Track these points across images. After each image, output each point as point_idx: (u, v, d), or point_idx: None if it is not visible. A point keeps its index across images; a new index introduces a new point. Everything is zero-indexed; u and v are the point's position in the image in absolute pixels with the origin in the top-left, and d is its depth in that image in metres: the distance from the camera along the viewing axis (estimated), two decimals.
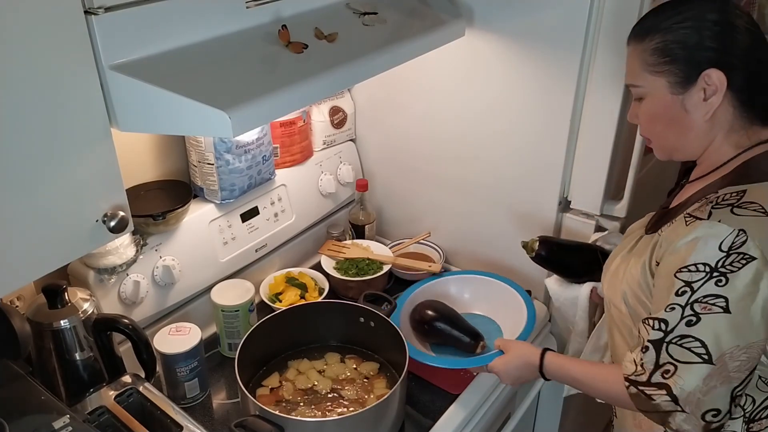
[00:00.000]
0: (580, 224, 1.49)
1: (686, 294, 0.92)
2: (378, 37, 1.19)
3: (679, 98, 0.99)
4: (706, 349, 0.90)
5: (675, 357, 0.92)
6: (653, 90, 1.01)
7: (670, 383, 0.92)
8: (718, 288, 0.90)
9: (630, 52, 1.04)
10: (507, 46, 1.40)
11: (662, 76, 0.99)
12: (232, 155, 1.41)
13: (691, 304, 0.91)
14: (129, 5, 0.86)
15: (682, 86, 0.98)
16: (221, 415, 1.31)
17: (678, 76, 0.98)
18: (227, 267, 1.50)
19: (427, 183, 1.70)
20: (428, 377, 1.39)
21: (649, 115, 1.04)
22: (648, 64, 1.00)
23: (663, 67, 0.99)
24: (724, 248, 0.90)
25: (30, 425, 0.94)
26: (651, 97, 1.02)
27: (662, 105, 1.01)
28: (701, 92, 0.97)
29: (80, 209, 0.88)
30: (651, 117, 1.04)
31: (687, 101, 0.99)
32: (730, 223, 0.91)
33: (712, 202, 0.95)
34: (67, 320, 1.13)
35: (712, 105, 0.97)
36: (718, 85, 0.96)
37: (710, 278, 0.90)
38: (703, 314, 0.90)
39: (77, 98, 0.84)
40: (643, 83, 1.02)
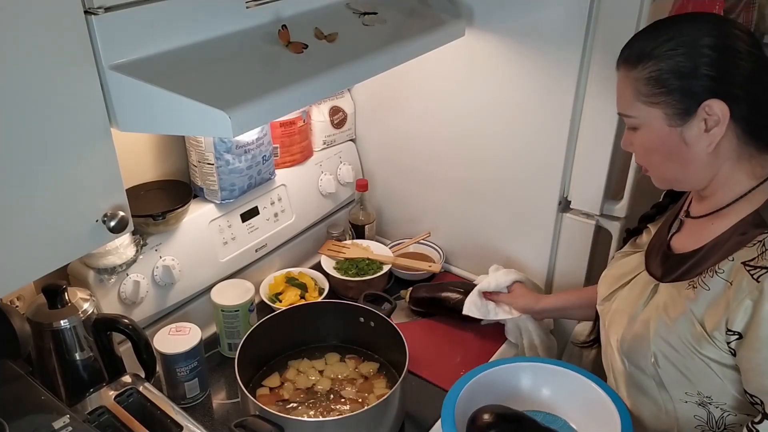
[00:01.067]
0: (580, 224, 1.49)
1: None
2: (378, 37, 1.19)
3: (677, 130, 0.92)
4: None
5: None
6: (648, 121, 0.94)
7: None
8: None
9: (621, 79, 0.97)
10: (507, 46, 1.40)
11: (658, 107, 0.92)
12: (232, 155, 1.41)
13: None
14: (129, 5, 0.86)
15: (680, 118, 0.91)
16: (221, 415, 1.31)
17: (675, 107, 0.91)
18: (227, 267, 1.50)
19: (427, 183, 1.70)
20: (428, 377, 1.39)
21: (645, 146, 0.97)
22: (642, 94, 0.93)
23: (658, 98, 0.92)
24: None
25: (30, 425, 0.94)
26: (646, 129, 0.95)
27: (659, 137, 0.94)
28: (702, 123, 0.90)
29: (80, 209, 0.88)
30: (647, 149, 0.97)
31: (686, 133, 0.92)
32: None
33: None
34: (67, 320, 1.13)
35: (714, 136, 0.90)
36: (720, 117, 0.89)
37: None
38: None
39: (77, 98, 0.84)
40: (636, 114, 0.95)
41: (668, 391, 1.01)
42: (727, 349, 0.92)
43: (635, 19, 1.23)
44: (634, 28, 1.24)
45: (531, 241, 1.57)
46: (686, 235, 1.03)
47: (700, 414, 1.00)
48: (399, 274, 1.70)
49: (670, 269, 1.01)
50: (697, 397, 0.98)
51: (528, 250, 1.58)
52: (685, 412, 1.01)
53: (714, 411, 0.98)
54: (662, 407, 1.03)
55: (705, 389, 0.97)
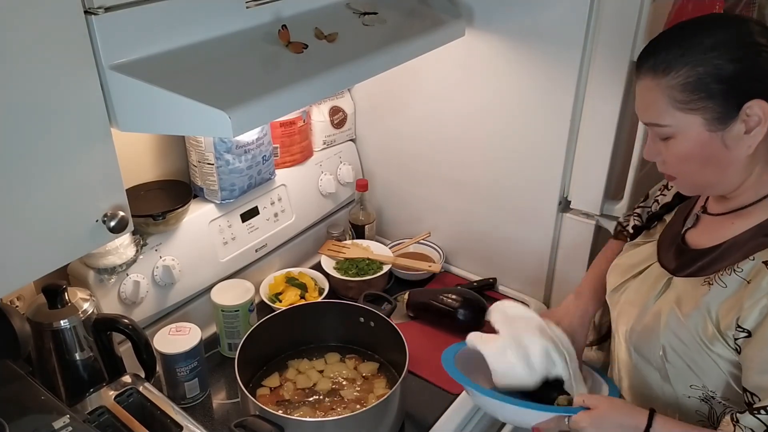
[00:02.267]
0: (580, 224, 1.49)
1: None
2: (378, 37, 1.19)
3: (718, 135, 0.90)
4: None
5: None
6: (686, 128, 0.91)
7: None
8: None
9: (648, 88, 0.93)
10: (507, 46, 1.40)
11: (697, 113, 0.89)
12: (232, 155, 1.41)
13: None
14: (129, 5, 0.86)
15: (721, 122, 0.89)
16: (221, 415, 1.31)
17: (716, 111, 0.88)
18: (227, 267, 1.50)
19: (427, 183, 1.70)
20: (428, 377, 1.39)
21: (681, 155, 0.93)
22: (678, 101, 0.90)
23: (698, 104, 0.88)
24: None
25: (30, 425, 0.94)
26: (683, 136, 0.92)
27: (698, 143, 0.91)
28: (742, 125, 0.88)
29: (80, 209, 0.88)
30: (683, 157, 0.94)
31: (727, 137, 0.89)
32: None
33: None
34: (67, 320, 1.13)
35: (756, 138, 0.89)
36: (762, 116, 0.87)
37: None
38: None
39: (77, 98, 0.84)
40: (671, 122, 0.91)
41: (673, 386, 1.02)
42: (734, 345, 0.92)
43: (635, 19, 1.23)
44: (634, 28, 1.24)
45: (531, 241, 1.57)
46: (702, 232, 1.03)
47: (702, 409, 1.00)
48: (399, 274, 1.70)
49: (685, 264, 1.01)
50: (702, 391, 0.99)
51: (528, 250, 1.58)
52: (687, 407, 1.02)
53: (717, 406, 0.99)
54: (665, 402, 1.04)
55: (711, 384, 0.98)
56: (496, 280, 1.67)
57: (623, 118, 1.34)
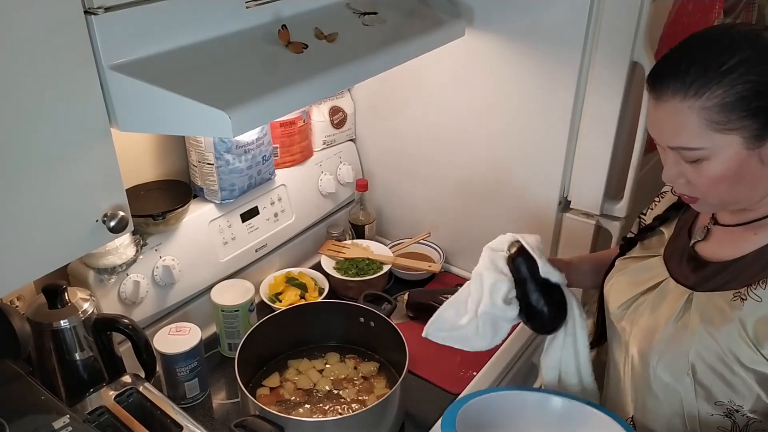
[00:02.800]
0: (580, 224, 1.49)
1: None
2: (378, 37, 1.19)
3: (755, 152, 0.86)
4: None
5: None
6: (722, 150, 0.86)
7: None
8: None
9: (674, 110, 0.87)
10: (507, 46, 1.40)
11: (736, 133, 0.85)
12: (232, 155, 1.41)
13: None
14: (129, 5, 0.86)
15: (759, 139, 0.85)
16: (221, 415, 1.31)
17: (755, 129, 0.84)
18: (227, 267, 1.50)
19: (427, 183, 1.70)
20: (428, 377, 1.39)
21: (716, 177, 0.89)
22: (715, 122, 0.85)
23: (737, 123, 0.84)
24: None
25: (30, 425, 0.94)
26: (718, 158, 0.87)
27: (735, 163, 0.87)
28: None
29: (80, 209, 0.88)
30: (718, 179, 0.89)
31: (764, 153, 0.86)
32: None
33: None
34: (67, 320, 1.13)
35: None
36: None
37: None
38: None
39: (77, 98, 0.84)
40: (707, 144, 0.86)
41: (697, 403, 0.98)
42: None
43: (635, 19, 1.24)
44: (634, 28, 1.24)
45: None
46: (717, 244, 1.00)
47: (724, 425, 0.97)
48: (399, 274, 1.70)
49: (707, 278, 0.98)
50: (728, 406, 0.96)
51: None
52: (709, 423, 0.99)
53: (740, 419, 0.96)
54: (683, 419, 1.01)
55: (739, 399, 0.94)
56: None
57: (623, 118, 1.35)
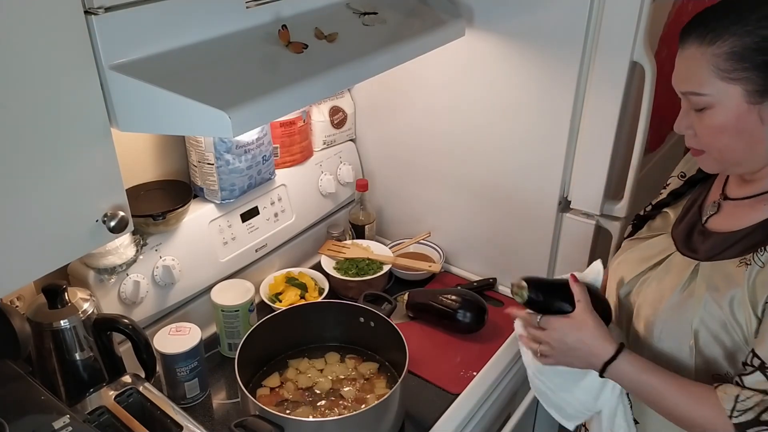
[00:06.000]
0: (580, 224, 1.49)
1: None
2: (378, 37, 1.19)
3: (755, 108, 0.89)
4: None
5: None
6: (725, 99, 0.90)
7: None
8: None
9: (691, 56, 0.92)
10: (507, 46, 1.40)
11: (738, 83, 0.88)
12: (232, 155, 1.41)
13: None
14: (129, 5, 0.86)
15: (760, 95, 0.88)
16: (221, 415, 1.31)
17: (758, 84, 0.88)
18: (227, 267, 1.50)
19: (427, 183, 1.70)
20: (428, 377, 1.39)
21: (716, 126, 0.93)
22: (721, 70, 0.89)
23: (741, 74, 0.88)
24: None
25: (30, 425, 0.94)
26: (721, 107, 0.91)
27: (735, 115, 0.90)
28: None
29: (80, 209, 0.88)
30: (718, 129, 0.93)
31: (764, 111, 0.89)
32: None
33: None
34: (67, 320, 1.13)
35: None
36: None
37: None
38: None
39: (77, 98, 0.84)
40: (711, 91, 0.91)
41: (695, 377, 0.99)
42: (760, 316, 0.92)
43: (635, 19, 1.24)
44: (634, 28, 1.24)
45: (531, 241, 1.57)
46: (726, 217, 1.02)
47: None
48: (399, 274, 1.70)
49: (714, 248, 1.00)
50: (725, 379, 0.97)
51: (528, 250, 1.58)
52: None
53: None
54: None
55: (735, 369, 0.96)
56: (496, 280, 1.67)
57: (623, 118, 1.35)
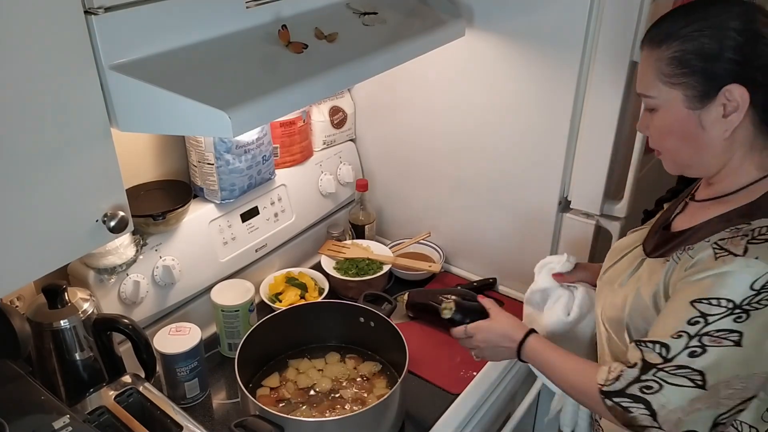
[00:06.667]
0: (580, 224, 1.49)
1: (698, 325, 0.87)
2: (378, 37, 1.19)
3: (695, 113, 0.91)
4: (703, 378, 0.86)
5: (663, 379, 0.88)
6: (667, 102, 0.93)
7: (650, 399, 0.88)
8: (735, 324, 0.85)
9: (644, 58, 0.96)
10: (507, 46, 1.40)
11: (678, 88, 0.91)
12: (232, 155, 1.41)
13: (700, 335, 0.86)
14: (129, 5, 0.86)
15: (699, 101, 0.90)
16: (221, 415, 1.31)
17: (696, 89, 0.90)
18: (227, 267, 1.50)
19: (427, 183, 1.70)
20: (428, 377, 1.39)
21: (662, 129, 0.96)
22: (663, 74, 0.92)
23: (680, 79, 0.91)
24: (756, 287, 0.84)
25: (30, 425, 0.94)
26: (664, 110, 0.94)
27: (677, 119, 0.93)
28: (720, 108, 0.90)
29: (80, 209, 0.88)
30: (663, 131, 0.96)
31: (704, 117, 0.91)
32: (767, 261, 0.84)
33: (747, 236, 0.87)
34: (67, 320, 1.13)
35: (732, 123, 0.90)
36: (740, 102, 0.88)
37: (730, 314, 0.85)
38: (711, 347, 0.86)
39: (77, 98, 0.84)
40: (656, 94, 0.94)
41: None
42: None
43: (635, 19, 1.24)
44: (634, 28, 1.24)
45: (531, 241, 1.57)
46: (686, 217, 1.04)
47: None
48: (399, 274, 1.70)
49: (659, 246, 1.03)
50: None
51: (528, 250, 1.58)
52: None
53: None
54: None
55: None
56: (496, 280, 1.67)
57: (623, 118, 1.35)
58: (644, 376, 0.89)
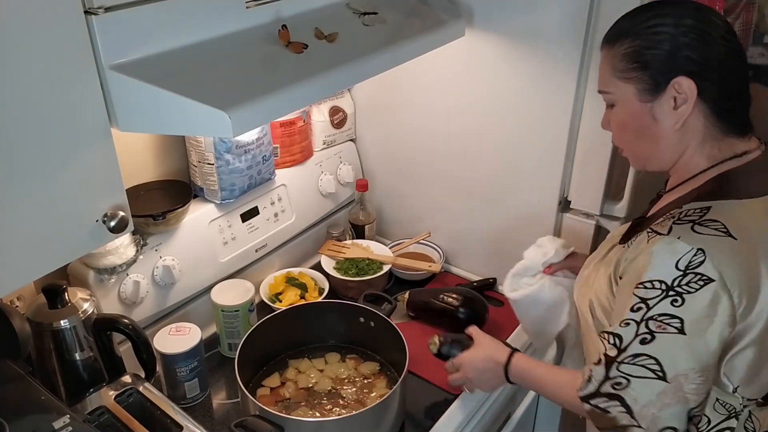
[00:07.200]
0: (580, 224, 1.49)
1: (641, 311, 0.89)
2: (378, 37, 1.19)
3: (647, 106, 0.96)
4: (660, 366, 0.88)
5: (627, 373, 0.90)
6: (622, 97, 0.98)
7: (623, 394, 0.90)
8: (673, 308, 0.87)
9: (602, 57, 1.01)
10: (507, 46, 1.40)
11: (631, 82, 0.96)
12: (232, 155, 1.41)
13: (645, 321, 0.89)
14: (129, 5, 0.86)
15: (650, 94, 0.95)
16: (221, 415, 1.31)
17: (647, 83, 0.95)
18: (227, 267, 1.50)
19: (427, 183, 1.70)
20: (428, 377, 1.39)
21: (619, 123, 1.01)
22: (617, 69, 0.97)
23: (632, 73, 0.95)
24: (681, 267, 0.87)
25: (30, 425, 0.94)
26: (620, 105, 0.99)
27: (631, 113, 0.98)
28: (671, 101, 0.94)
29: (80, 209, 0.88)
30: (620, 125, 1.01)
31: (656, 109, 0.96)
32: (689, 241, 0.88)
33: (674, 217, 0.92)
34: (67, 320, 1.13)
35: (681, 114, 0.94)
36: (688, 94, 0.92)
37: (666, 297, 0.88)
38: (658, 333, 0.88)
39: (77, 98, 0.84)
40: (612, 90, 0.99)
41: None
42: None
43: None
44: None
45: (531, 241, 1.56)
46: (654, 209, 1.08)
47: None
48: (399, 274, 1.70)
49: (627, 235, 1.06)
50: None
51: None
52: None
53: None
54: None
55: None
56: (496, 280, 1.67)
57: None
58: (611, 373, 0.92)
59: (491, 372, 1.16)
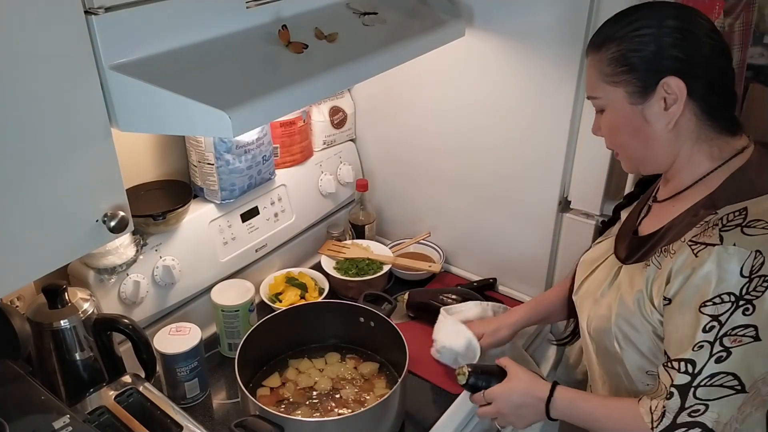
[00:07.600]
0: (580, 224, 1.49)
1: (714, 329, 0.87)
2: (378, 37, 1.19)
3: (638, 108, 0.96)
4: (739, 380, 0.87)
5: (704, 398, 0.88)
6: (612, 101, 0.98)
7: (702, 420, 0.88)
8: (745, 318, 0.86)
9: (588, 63, 1.01)
10: (507, 46, 1.40)
11: (620, 86, 0.96)
12: (232, 155, 1.41)
13: (720, 339, 0.87)
14: (129, 5, 0.86)
15: (640, 96, 0.95)
16: (221, 415, 1.31)
17: (636, 85, 0.94)
18: (227, 267, 1.50)
19: (427, 183, 1.70)
20: (428, 377, 1.39)
21: (611, 127, 1.01)
22: (605, 74, 0.97)
23: (620, 77, 0.95)
24: (746, 273, 0.86)
25: (30, 425, 0.94)
26: (610, 109, 0.99)
27: (622, 116, 0.98)
28: (661, 102, 0.94)
29: (80, 209, 0.88)
30: (612, 129, 1.01)
31: (647, 111, 0.95)
32: (745, 245, 0.86)
33: (718, 225, 0.90)
34: (67, 320, 1.13)
35: (673, 114, 0.94)
36: (678, 94, 0.92)
37: (737, 308, 0.86)
38: (734, 347, 0.86)
39: (77, 98, 0.84)
40: (601, 95, 0.99)
41: (631, 374, 1.04)
42: (661, 317, 0.96)
43: None
44: None
45: (531, 241, 1.57)
46: (651, 219, 1.06)
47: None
48: (399, 274, 1.70)
49: (633, 251, 1.05)
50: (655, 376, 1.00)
51: (528, 250, 1.58)
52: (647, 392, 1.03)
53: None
54: (630, 390, 1.06)
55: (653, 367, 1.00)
56: (496, 280, 1.67)
57: None
58: (686, 403, 0.89)
59: (529, 407, 1.09)
